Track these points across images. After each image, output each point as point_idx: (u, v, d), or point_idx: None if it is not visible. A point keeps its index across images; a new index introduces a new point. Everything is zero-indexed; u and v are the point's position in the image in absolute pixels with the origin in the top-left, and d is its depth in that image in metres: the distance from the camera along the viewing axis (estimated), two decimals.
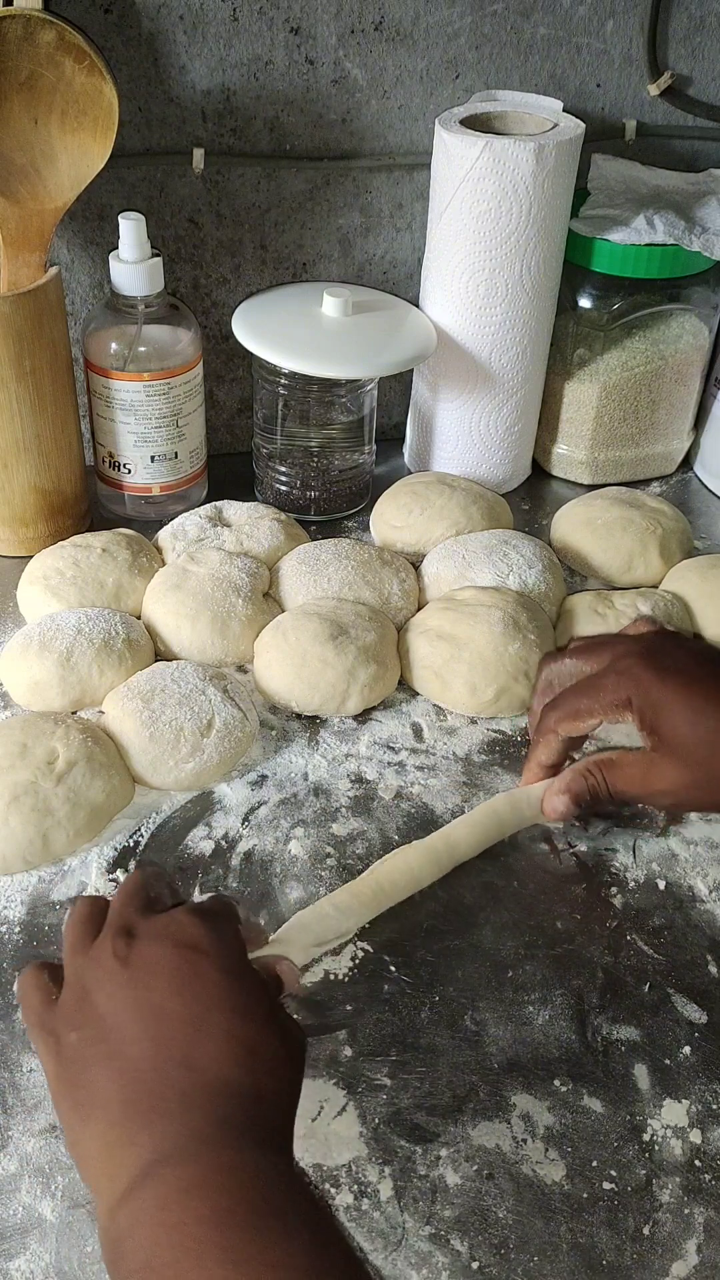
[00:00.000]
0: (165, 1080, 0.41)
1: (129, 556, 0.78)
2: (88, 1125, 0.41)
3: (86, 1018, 0.43)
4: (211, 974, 0.44)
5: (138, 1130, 0.40)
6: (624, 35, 0.86)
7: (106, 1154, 0.40)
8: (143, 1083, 0.41)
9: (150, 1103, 0.40)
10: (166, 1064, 0.41)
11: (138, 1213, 0.38)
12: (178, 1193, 0.37)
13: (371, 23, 0.82)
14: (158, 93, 0.81)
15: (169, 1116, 0.40)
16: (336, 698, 0.70)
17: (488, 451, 0.91)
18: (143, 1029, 0.42)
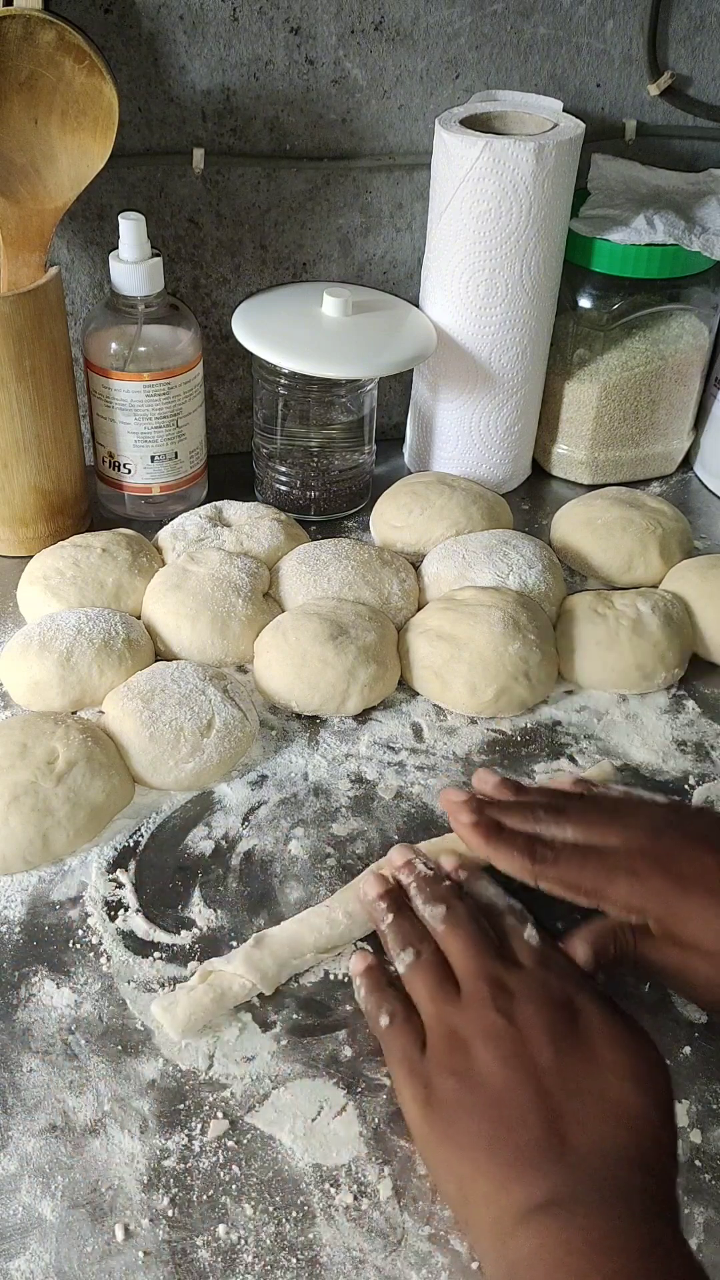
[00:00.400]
0: (551, 1130, 0.43)
1: (129, 556, 0.78)
2: (472, 1169, 0.44)
3: (463, 1069, 0.46)
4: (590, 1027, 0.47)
5: (531, 1173, 0.42)
6: (624, 35, 0.86)
7: (493, 1191, 0.43)
8: (528, 1130, 0.44)
9: (539, 1149, 0.43)
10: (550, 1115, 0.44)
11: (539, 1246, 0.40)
12: (582, 1246, 0.39)
13: (371, 23, 0.82)
14: (158, 93, 0.81)
15: (560, 1164, 0.42)
16: (336, 698, 0.70)
17: (488, 451, 0.92)
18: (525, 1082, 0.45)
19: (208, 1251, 0.46)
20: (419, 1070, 0.47)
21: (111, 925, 0.58)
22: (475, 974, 0.49)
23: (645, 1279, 0.39)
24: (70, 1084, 0.51)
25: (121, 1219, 0.47)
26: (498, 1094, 0.45)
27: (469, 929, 0.51)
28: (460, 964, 0.50)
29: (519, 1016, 0.47)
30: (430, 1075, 0.47)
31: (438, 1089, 0.46)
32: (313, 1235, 0.47)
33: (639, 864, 0.52)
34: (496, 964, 0.49)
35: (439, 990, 0.49)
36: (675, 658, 0.74)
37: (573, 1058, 0.46)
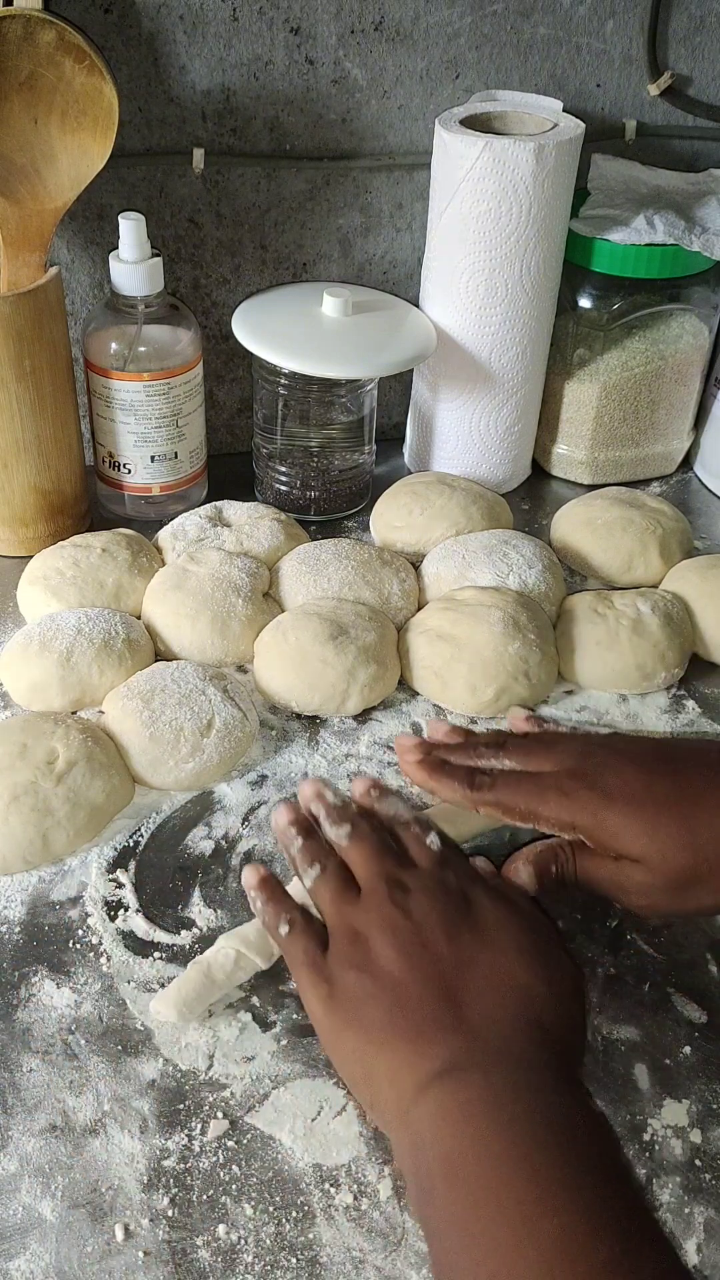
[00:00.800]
0: (446, 1004, 0.46)
1: (129, 556, 0.78)
2: (375, 1049, 0.45)
3: (363, 961, 0.48)
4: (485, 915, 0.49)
5: (428, 1045, 0.44)
6: (624, 35, 0.86)
7: (396, 1067, 0.45)
8: (425, 1005, 0.46)
9: (436, 1021, 0.45)
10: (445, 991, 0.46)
11: (439, 1110, 0.42)
12: (480, 1104, 0.42)
13: (371, 23, 0.82)
14: (158, 93, 0.81)
15: (456, 1033, 0.44)
16: (336, 698, 0.70)
17: (488, 451, 0.92)
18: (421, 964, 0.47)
19: (208, 1251, 0.46)
20: (321, 968, 0.49)
21: (111, 925, 0.58)
22: (375, 875, 0.51)
23: (545, 1131, 0.40)
24: (70, 1084, 0.51)
25: (121, 1219, 0.47)
26: (396, 979, 0.47)
27: (370, 839, 0.54)
28: (360, 869, 0.52)
29: (415, 909, 0.49)
30: (332, 972, 0.48)
31: (339, 983, 0.48)
32: (313, 1235, 0.47)
33: (567, 783, 0.54)
34: (395, 866, 0.52)
35: (340, 894, 0.51)
36: (675, 658, 0.74)
37: (465, 939, 0.48)
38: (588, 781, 0.54)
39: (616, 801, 0.53)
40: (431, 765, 0.59)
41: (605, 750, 0.56)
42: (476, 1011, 0.45)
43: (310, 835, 0.56)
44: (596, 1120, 0.42)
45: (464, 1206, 0.40)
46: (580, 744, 0.57)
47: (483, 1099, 0.42)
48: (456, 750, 0.60)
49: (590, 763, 0.55)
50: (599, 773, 0.54)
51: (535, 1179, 0.39)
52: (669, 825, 0.51)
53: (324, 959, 0.49)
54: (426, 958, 0.47)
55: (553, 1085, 0.43)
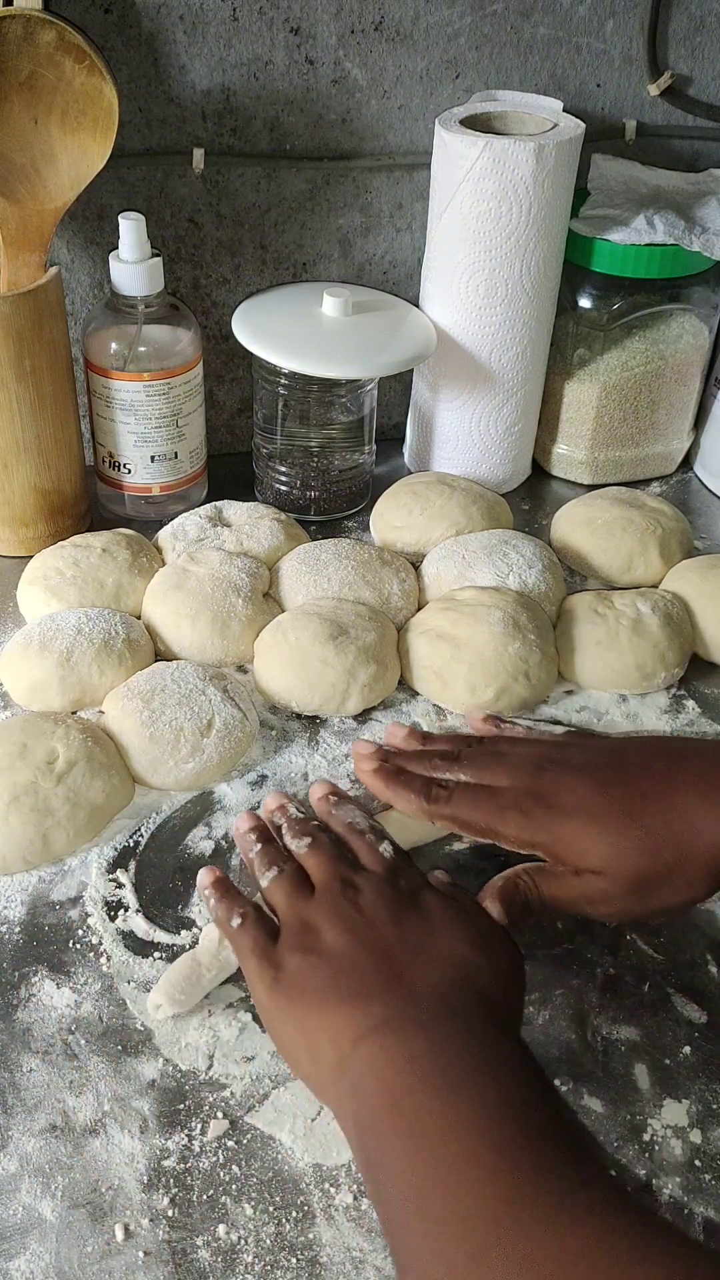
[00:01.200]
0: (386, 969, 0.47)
1: (129, 556, 0.78)
2: (316, 1014, 0.46)
3: (310, 945, 0.49)
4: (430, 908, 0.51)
5: (366, 1003, 0.46)
6: (624, 35, 0.86)
7: (336, 1026, 0.46)
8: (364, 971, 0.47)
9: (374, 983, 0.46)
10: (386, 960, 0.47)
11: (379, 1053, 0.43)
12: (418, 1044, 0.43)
13: (371, 23, 0.82)
14: (158, 93, 0.81)
15: (393, 989, 0.46)
16: (336, 698, 0.70)
17: (488, 451, 0.92)
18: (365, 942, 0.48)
19: (208, 1251, 0.46)
20: (269, 955, 0.50)
21: (111, 925, 0.58)
22: (329, 875, 0.53)
23: (480, 1063, 0.42)
24: (70, 1084, 0.51)
25: (121, 1219, 0.47)
26: (339, 953, 0.48)
27: (327, 847, 0.55)
28: (315, 871, 0.53)
29: (365, 903, 0.51)
30: (281, 957, 0.49)
31: (286, 966, 0.49)
32: (313, 1235, 0.47)
33: (525, 801, 0.55)
34: (348, 869, 0.53)
35: (294, 891, 0.52)
36: (675, 658, 0.74)
37: (411, 926, 0.49)
38: (544, 801, 0.54)
39: (573, 817, 0.53)
40: (387, 774, 0.60)
41: (557, 766, 0.56)
42: (415, 975, 0.47)
43: (269, 841, 0.57)
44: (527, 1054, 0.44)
45: (408, 1133, 0.41)
46: (533, 757, 0.58)
47: (421, 1043, 0.43)
48: (412, 758, 0.60)
49: (544, 780, 0.55)
50: (554, 790, 0.55)
51: (475, 1101, 0.40)
52: (625, 832, 0.52)
53: (273, 948, 0.50)
54: (372, 939, 0.49)
55: (483, 1028, 0.44)
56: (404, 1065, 0.43)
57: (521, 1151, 0.39)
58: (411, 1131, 0.41)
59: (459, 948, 0.48)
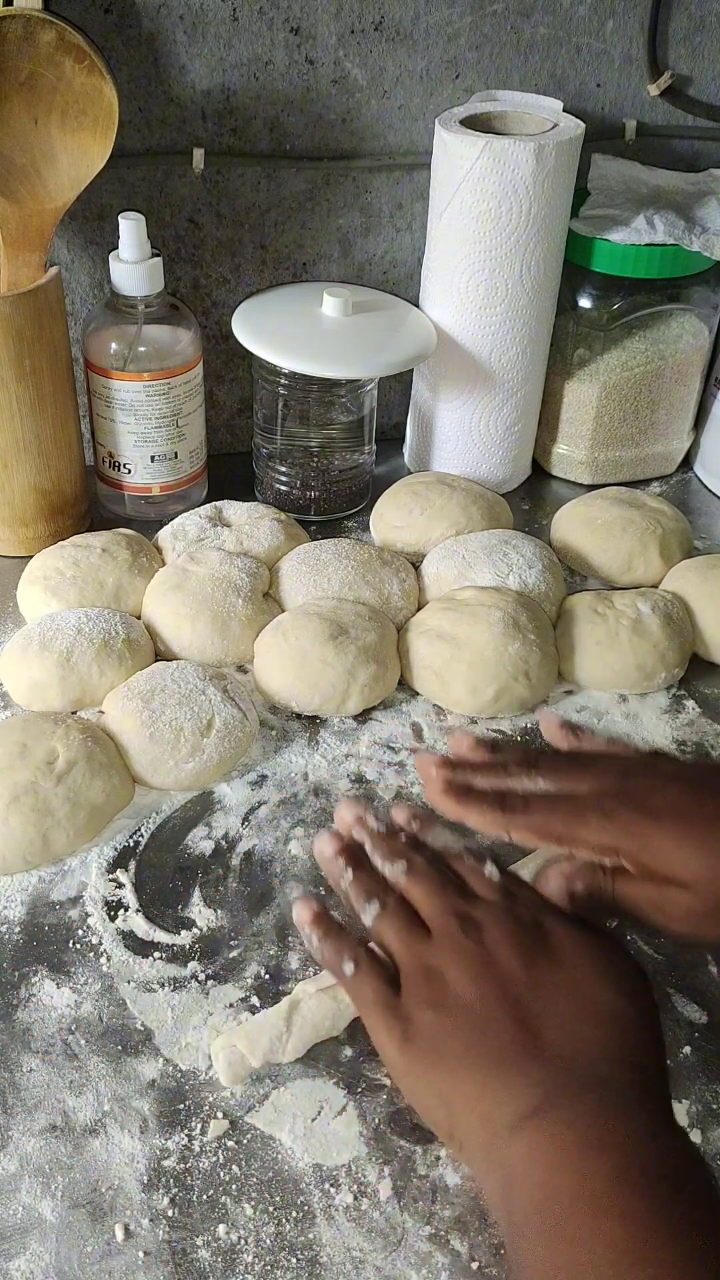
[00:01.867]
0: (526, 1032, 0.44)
1: (129, 556, 0.78)
2: (456, 1084, 0.44)
3: (439, 998, 0.46)
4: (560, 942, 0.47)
5: (512, 1076, 0.43)
6: (624, 35, 0.86)
7: (482, 1103, 0.43)
8: (504, 1034, 0.44)
9: (518, 1050, 0.43)
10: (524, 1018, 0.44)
11: (531, 1150, 0.41)
12: (577, 1146, 0.40)
13: (371, 23, 0.82)
14: (158, 93, 0.81)
15: (540, 1063, 0.43)
16: (336, 698, 0.70)
17: (488, 451, 0.91)
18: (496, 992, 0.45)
19: (208, 1251, 0.46)
20: (395, 1009, 0.47)
21: (111, 925, 0.58)
22: (442, 911, 0.49)
23: (640, 1173, 0.39)
24: (70, 1084, 0.51)
25: (121, 1219, 0.47)
26: (472, 1009, 0.45)
27: (430, 875, 0.51)
28: (425, 906, 0.50)
29: (488, 940, 0.47)
30: (408, 1011, 0.46)
31: (416, 1022, 0.46)
32: (313, 1235, 0.47)
33: (609, 803, 0.50)
34: (461, 900, 0.50)
35: (408, 932, 0.49)
36: (675, 658, 0.74)
37: (542, 966, 0.46)
38: (631, 802, 0.50)
39: (664, 820, 0.49)
40: (458, 791, 0.54)
41: (647, 771, 0.53)
42: (560, 1038, 0.44)
43: (361, 867, 0.53)
44: (691, 1159, 0.41)
45: (556, 1249, 0.38)
46: (620, 764, 0.54)
47: (577, 1139, 0.40)
48: (483, 770, 0.56)
49: (632, 783, 0.51)
50: (643, 793, 0.50)
51: (629, 1222, 0.38)
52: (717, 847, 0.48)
53: (397, 999, 0.47)
54: (503, 985, 0.45)
55: (646, 1122, 0.41)
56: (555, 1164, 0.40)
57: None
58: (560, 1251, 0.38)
59: (601, 995, 0.45)
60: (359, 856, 0.54)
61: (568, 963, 0.46)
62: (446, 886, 0.51)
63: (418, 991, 0.47)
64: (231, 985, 0.56)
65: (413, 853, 0.53)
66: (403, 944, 0.49)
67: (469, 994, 0.45)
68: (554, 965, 0.46)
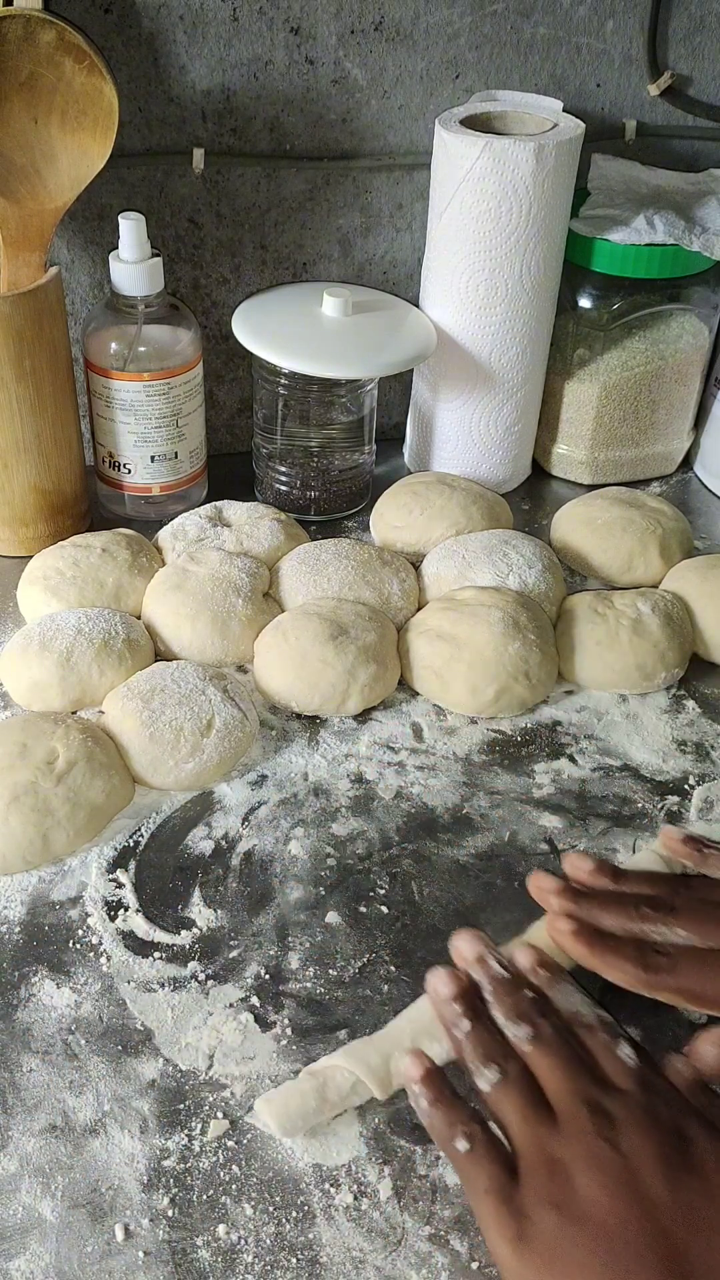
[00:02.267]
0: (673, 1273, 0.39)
1: (129, 556, 0.78)
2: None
3: (564, 1200, 0.41)
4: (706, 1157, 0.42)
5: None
6: (624, 35, 0.86)
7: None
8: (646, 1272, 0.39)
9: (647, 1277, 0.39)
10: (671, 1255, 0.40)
11: None
12: None
13: (371, 23, 0.82)
14: (158, 93, 0.81)
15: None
16: (336, 698, 0.70)
17: (488, 451, 0.92)
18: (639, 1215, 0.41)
19: (208, 1251, 0.46)
20: (512, 1201, 0.42)
21: (111, 925, 0.58)
22: (571, 1095, 0.44)
23: None
24: (70, 1084, 0.51)
25: (121, 1219, 0.47)
26: (608, 1228, 0.40)
27: (560, 1050, 0.46)
28: (552, 1085, 0.45)
29: (624, 1143, 0.42)
30: (526, 1207, 0.42)
31: (536, 1222, 0.41)
32: (313, 1235, 0.47)
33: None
34: (593, 1086, 0.45)
35: (532, 1112, 0.44)
36: (675, 658, 0.74)
37: (690, 1190, 0.41)
38: None
39: None
40: (589, 938, 0.51)
41: None
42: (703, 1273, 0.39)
43: (480, 1020, 0.48)
44: None
45: None
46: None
47: None
48: (611, 908, 0.52)
49: None
50: None
51: None
52: None
53: (514, 1190, 0.42)
54: (644, 1205, 0.41)
55: None
56: None
57: None
58: None
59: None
60: (478, 1008, 0.49)
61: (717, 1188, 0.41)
62: (578, 1067, 0.45)
63: (539, 1186, 0.42)
64: (231, 985, 0.56)
65: (539, 1018, 0.48)
66: (526, 1124, 0.44)
67: (602, 1208, 0.41)
68: (702, 1190, 0.41)
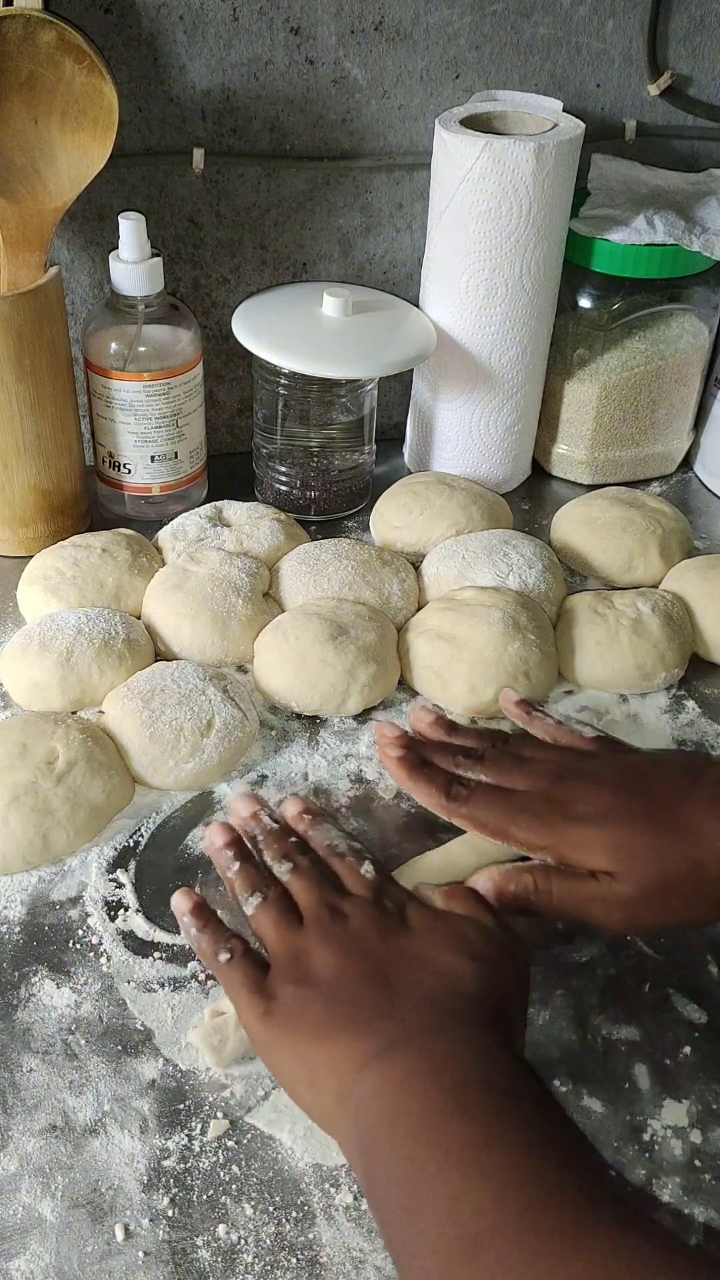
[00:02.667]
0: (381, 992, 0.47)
1: (129, 556, 0.78)
2: (315, 1044, 0.46)
3: (303, 975, 0.48)
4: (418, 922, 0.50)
5: (365, 1029, 0.45)
6: (624, 35, 0.86)
7: (336, 1058, 0.45)
8: (361, 1000, 0.46)
9: (371, 1010, 0.46)
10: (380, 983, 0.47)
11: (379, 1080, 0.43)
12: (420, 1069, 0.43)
13: (371, 23, 0.82)
14: (158, 93, 0.81)
15: (389, 1015, 0.45)
16: (336, 698, 0.70)
17: (488, 451, 0.91)
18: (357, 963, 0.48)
19: (208, 1251, 0.46)
20: (261, 988, 0.49)
21: (111, 925, 0.58)
22: (316, 903, 0.52)
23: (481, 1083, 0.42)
24: (70, 1084, 0.51)
25: (121, 1219, 0.47)
26: (332, 981, 0.47)
27: (310, 872, 0.54)
28: (302, 899, 0.52)
29: (353, 924, 0.50)
30: (273, 988, 0.48)
31: (280, 997, 0.48)
32: (313, 1235, 0.47)
33: (539, 805, 0.55)
34: (335, 894, 0.52)
35: (283, 920, 0.51)
36: (675, 658, 0.74)
37: (399, 938, 0.49)
38: (558, 807, 0.55)
39: (585, 822, 0.54)
40: (411, 765, 0.60)
41: (575, 775, 0.57)
42: (410, 995, 0.46)
43: (247, 859, 0.56)
44: (529, 1074, 0.43)
45: (411, 1155, 0.40)
46: (553, 765, 0.58)
47: (421, 1065, 0.43)
48: (436, 750, 0.61)
49: (562, 787, 0.56)
50: (570, 798, 0.55)
51: (477, 1121, 0.40)
52: (636, 833, 0.52)
53: (264, 980, 0.49)
54: (362, 956, 0.48)
55: (483, 1047, 0.44)
56: (401, 1086, 0.42)
57: (522, 1171, 0.38)
58: (413, 1155, 0.40)
59: (449, 957, 0.48)
60: (245, 851, 0.56)
61: (422, 936, 0.49)
62: (323, 882, 0.53)
63: (283, 971, 0.49)
64: None
65: (297, 853, 0.55)
66: (275, 930, 0.51)
67: (330, 968, 0.48)
68: (410, 939, 0.49)
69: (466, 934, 0.49)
